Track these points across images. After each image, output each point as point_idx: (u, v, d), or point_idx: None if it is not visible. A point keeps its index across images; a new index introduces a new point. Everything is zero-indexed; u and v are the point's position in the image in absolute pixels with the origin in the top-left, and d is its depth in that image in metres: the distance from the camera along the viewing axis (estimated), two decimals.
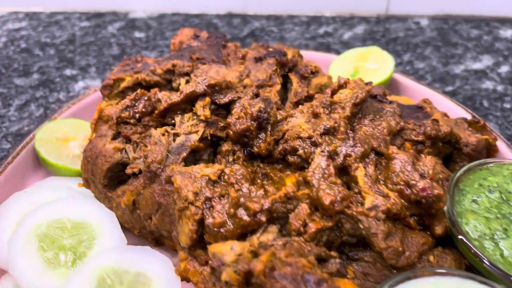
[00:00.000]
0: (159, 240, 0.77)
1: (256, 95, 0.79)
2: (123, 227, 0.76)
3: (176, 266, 0.69)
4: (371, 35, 1.48)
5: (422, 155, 0.72)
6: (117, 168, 0.77)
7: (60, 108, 1.19)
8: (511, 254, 0.59)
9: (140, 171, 0.74)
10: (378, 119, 0.74)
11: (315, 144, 0.68)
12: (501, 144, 0.87)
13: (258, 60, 0.90)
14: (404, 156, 0.66)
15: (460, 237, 0.62)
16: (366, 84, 0.84)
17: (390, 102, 0.81)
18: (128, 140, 0.78)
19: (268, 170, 0.73)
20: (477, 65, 1.33)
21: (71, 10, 1.68)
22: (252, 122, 0.73)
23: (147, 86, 0.89)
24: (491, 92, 1.22)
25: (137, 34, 1.53)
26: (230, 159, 0.74)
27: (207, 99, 0.77)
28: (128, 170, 0.74)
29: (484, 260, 0.59)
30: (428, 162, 0.66)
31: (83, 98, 1.02)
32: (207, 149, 0.77)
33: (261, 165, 0.74)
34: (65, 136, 0.92)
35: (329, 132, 0.69)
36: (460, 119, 0.85)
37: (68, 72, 1.35)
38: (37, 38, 1.53)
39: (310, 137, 0.69)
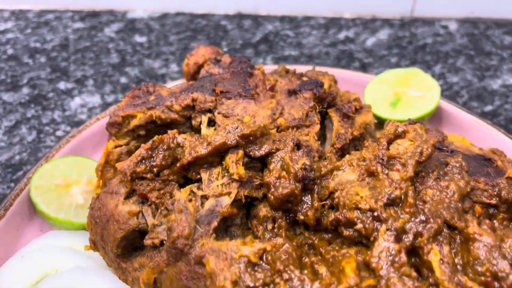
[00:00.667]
0: None
1: (298, 146, 0.66)
2: None
3: None
4: (397, 42, 1.35)
5: (495, 225, 0.61)
6: (133, 235, 0.64)
7: (54, 132, 1.05)
8: None
9: (161, 243, 0.62)
10: (443, 178, 0.63)
11: (378, 219, 0.56)
12: None
13: (292, 93, 0.77)
14: (489, 238, 0.54)
15: None
16: (418, 122, 0.72)
17: (452, 151, 0.69)
18: (145, 199, 0.65)
19: (316, 241, 0.61)
20: None
21: (63, 7, 1.51)
22: (296, 184, 0.61)
23: (163, 124, 0.76)
24: None
25: (138, 38, 1.38)
26: (269, 226, 0.62)
27: (240, 152, 0.64)
28: (148, 241, 0.62)
29: None
30: None
31: (84, 130, 0.89)
32: (240, 212, 0.64)
33: (306, 233, 0.62)
34: (65, 181, 0.79)
35: (395, 202, 0.57)
36: None
37: (62, 85, 1.20)
38: (26, 42, 1.36)
39: (372, 210, 0.57)
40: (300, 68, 0.96)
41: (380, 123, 0.89)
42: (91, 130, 0.89)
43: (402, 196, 0.57)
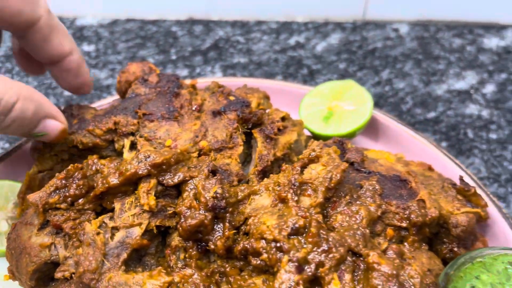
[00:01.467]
0: None
1: (213, 172, 0.66)
2: None
3: None
4: (347, 46, 1.35)
5: (406, 245, 0.62)
6: (46, 267, 0.64)
7: None
8: None
9: (72, 276, 0.61)
10: (355, 202, 0.63)
11: (281, 250, 0.57)
12: (492, 210, 0.77)
13: (217, 114, 0.77)
14: (386, 267, 0.55)
15: None
16: (339, 144, 0.72)
17: (370, 173, 0.70)
18: (59, 229, 0.65)
19: (228, 270, 0.61)
20: (460, 84, 1.22)
21: None
22: (206, 213, 0.61)
23: (85, 149, 0.76)
24: (475, 119, 1.12)
25: (86, 47, 1.35)
26: (182, 256, 0.62)
27: (153, 181, 0.64)
28: (58, 274, 0.62)
29: None
30: (414, 273, 0.56)
31: (12, 152, 0.87)
32: (154, 241, 0.64)
33: (219, 262, 0.63)
34: None
35: (299, 232, 0.58)
36: (448, 183, 0.75)
37: None
38: None
39: (275, 240, 0.57)
40: (246, 81, 0.96)
41: (315, 138, 0.89)
42: (21, 152, 0.88)
43: (307, 225, 0.58)
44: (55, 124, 0.69)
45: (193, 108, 0.79)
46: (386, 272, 0.55)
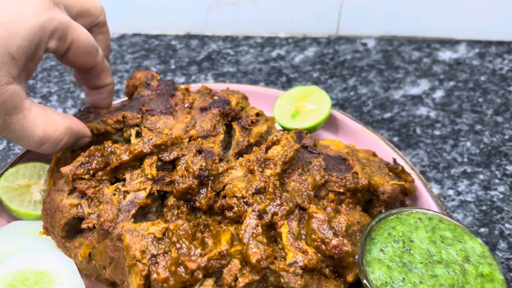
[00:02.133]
0: (115, 283, 0.87)
1: (199, 151, 0.88)
2: (82, 273, 0.85)
3: None
4: (321, 58, 1.58)
5: (343, 205, 0.84)
6: (74, 222, 0.85)
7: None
8: None
9: (94, 226, 0.83)
10: (305, 173, 0.85)
11: (247, 204, 0.78)
12: (420, 185, 0.99)
13: (204, 110, 0.99)
14: (321, 215, 0.76)
15: None
16: (298, 134, 0.94)
17: (319, 154, 0.91)
18: (83, 194, 0.86)
19: (210, 222, 0.83)
20: (414, 90, 1.44)
21: None
22: (193, 180, 0.82)
23: (99, 134, 0.97)
24: (424, 118, 1.34)
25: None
26: (175, 212, 0.84)
27: (154, 157, 0.85)
28: (83, 225, 0.83)
29: None
30: (342, 219, 0.77)
31: None
32: (155, 203, 0.86)
33: (203, 217, 0.84)
34: (26, 182, 0.99)
35: (260, 191, 0.79)
36: (384, 163, 0.97)
37: None
38: None
39: (243, 197, 0.79)
40: (233, 86, 1.18)
41: (287, 130, 1.11)
42: None
43: (266, 187, 0.79)
44: (85, 140, 0.93)
45: (186, 106, 1.01)
46: (321, 218, 0.76)
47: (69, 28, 0.77)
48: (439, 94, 1.43)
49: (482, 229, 1.06)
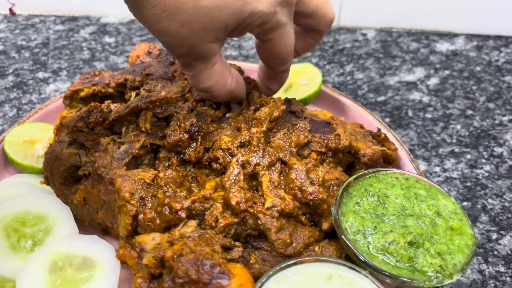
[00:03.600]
0: (106, 230, 0.92)
1: (191, 110, 0.93)
2: (76, 219, 0.91)
3: (117, 252, 0.84)
4: (321, 46, 1.63)
5: (324, 164, 0.88)
6: (72, 170, 0.91)
7: (31, 110, 1.33)
8: (375, 246, 0.75)
9: (89, 173, 0.89)
10: (290, 133, 0.90)
11: (232, 155, 0.83)
12: (402, 154, 1.03)
13: None
14: (300, 166, 0.81)
15: (341, 236, 0.77)
16: (287, 101, 0.99)
17: (305, 118, 0.96)
18: (82, 146, 0.92)
19: (197, 174, 0.88)
20: (410, 77, 1.49)
21: (47, 13, 1.80)
22: (184, 134, 0.88)
23: (102, 97, 1.04)
24: (417, 102, 1.38)
25: (107, 39, 1.66)
26: (166, 164, 0.89)
27: (149, 113, 0.91)
28: (80, 172, 0.89)
29: (356, 254, 0.74)
30: (320, 172, 0.82)
31: (49, 104, 1.16)
32: (148, 155, 0.91)
33: (192, 169, 0.89)
34: (31, 138, 1.06)
35: (245, 145, 0.84)
36: (368, 131, 1.01)
37: (40, 75, 1.48)
38: (14, 40, 1.65)
39: (228, 149, 0.84)
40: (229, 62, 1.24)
41: None
42: (55, 104, 1.16)
43: (250, 141, 0.84)
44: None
45: (183, 73, 1.07)
46: (299, 169, 0.81)
47: (276, 28, 0.83)
48: (433, 81, 1.47)
49: (465, 203, 1.09)
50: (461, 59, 1.56)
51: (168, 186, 0.81)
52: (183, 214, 0.77)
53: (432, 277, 0.72)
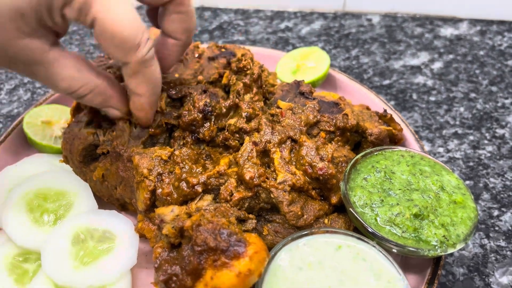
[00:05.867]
0: (124, 206, 0.96)
1: (204, 91, 0.97)
2: (95, 195, 0.95)
3: (135, 225, 0.88)
4: (327, 31, 1.66)
5: (333, 143, 0.92)
6: (90, 148, 0.95)
7: (45, 93, 1.37)
8: (382, 218, 0.79)
9: (108, 151, 0.92)
10: (299, 112, 0.93)
11: (246, 132, 0.87)
12: (408, 134, 1.06)
13: (211, 59, 1.08)
14: (310, 143, 0.85)
15: (349, 209, 0.81)
16: (296, 83, 1.03)
17: (314, 99, 0.99)
18: (99, 125, 0.96)
19: (211, 152, 0.92)
20: (414, 61, 1.51)
21: None
22: (198, 114, 0.91)
23: (116, 77, 1.07)
24: (421, 86, 1.41)
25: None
26: (181, 142, 0.93)
27: (164, 94, 0.95)
28: (99, 150, 0.93)
29: (364, 225, 0.79)
30: (329, 149, 0.85)
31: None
32: (163, 134, 0.95)
33: (206, 148, 0.93)
34: (48, 120, 1.10)
35: (251, 118, 0.89)
36: (374, 112, 1.04)
37: None
38: None
39: (241, 128, 0.88)
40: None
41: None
42: None
43: (254, 112, 0.88)
44: (115, 113, 0.88)
45: (196, 56, 1.10)
46: (310, 146, 0.84)
47: (92, 5, 0.68)
48: (437, 65, 1.50)
49: (468, 182, 1.12)
50: (464, 44, 1.59)
51: (184, 163, 0.85)
52: (199, 189, 0.81)
53: (436, 247, 0.76)
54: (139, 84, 0.81)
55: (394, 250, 0.78)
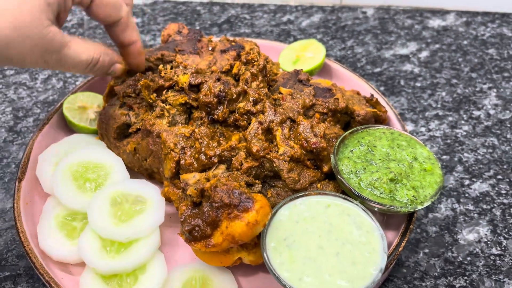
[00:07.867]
0: (152, 175, 1.15)
1: (218, 79, 1.15)
2: (127, 167, 1.14)
3: (162, 190, 1.07)
4: (325, 23, 1.82)
5: (325, 122, 1.10)
6: (123, 127, 1.13)
7: (75, 82, 1.55)
8: (364, 183, 0.97)
9: (138, 129, 1.11)
10: (298, 97, 1.11)
11: (253, 114, 1.05)
12: (392, 115, 1.24)
13: (223, 52, 1.26)
14: (306, 122, 1.03)
15: (338, 176, 0.99)
16: (295, 72, 1.20)
17: (310, 85, 1.17)
18: (131, 107, 1.14)
19: (224, 131, 1.10)
20: (403, 51, 1.68)
21: None
22: (213, 98, 1.09)
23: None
24: (408, 73, 1.58)
25: (135, 20, 1.86)
26: (199, 122, 1.11)
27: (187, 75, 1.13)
28: (131, 130, 1.11)
29: (350, 188, 0.97)
30: (322, 127, 1.04)
31: (96, 77, 1.38)
32: (183, 115, 1.13)
33: (220, 127, 1.11)
34: (83, 105, 1.28)
35: (257, 102, 1.06)
36: (363, 97, 1.22)
37: None
38: None
39: (249, 111, 1.06)
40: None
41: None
42: (97, 77, 1.38)
43: (265, 105, 1.06)
44: (121, 67, 1.11)
45: (209, 49, 1.28)
46: (305, 124, 1.02)
47: None
48: (424, 54, 1.66)
49: (444, 156, 1.30)
50: (450, 34, 1.75)
51: (202, 139, 1.03)
52: (215, 160, 1.00)
53: (407, 204, 0.94)
54: (132, 32, 1.04)
55: (375, 209, 0.96)
